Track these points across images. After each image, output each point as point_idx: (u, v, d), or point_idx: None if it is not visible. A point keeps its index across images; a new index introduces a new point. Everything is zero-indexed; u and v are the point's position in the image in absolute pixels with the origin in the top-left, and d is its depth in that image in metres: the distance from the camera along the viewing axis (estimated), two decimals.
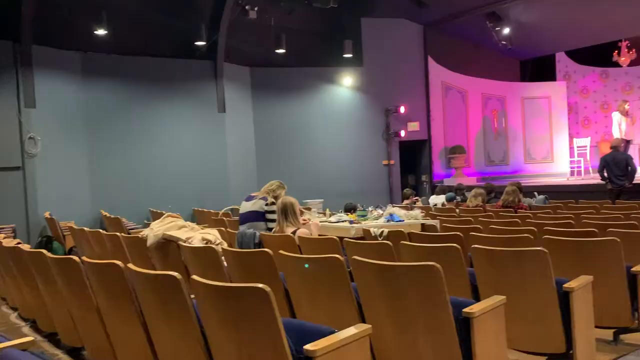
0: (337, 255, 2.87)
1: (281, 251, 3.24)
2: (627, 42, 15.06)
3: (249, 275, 3.50)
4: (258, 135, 13.06)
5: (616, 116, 12.38)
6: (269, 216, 5.16)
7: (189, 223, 4.93)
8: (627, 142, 11.59)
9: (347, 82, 13.41)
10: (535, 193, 9.39)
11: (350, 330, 2.22)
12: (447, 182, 13.03)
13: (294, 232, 4.70)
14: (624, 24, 13.66)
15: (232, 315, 2.20)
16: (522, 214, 6.68)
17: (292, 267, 3.21)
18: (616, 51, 15.02)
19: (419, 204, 9.88)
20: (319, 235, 5.06)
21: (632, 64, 15.43)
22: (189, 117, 11.98)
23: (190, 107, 12.00)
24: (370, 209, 6.40)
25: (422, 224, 5.91)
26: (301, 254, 4.28)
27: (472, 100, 15.14)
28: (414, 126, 13.67)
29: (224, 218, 8.05)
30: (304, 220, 5.22)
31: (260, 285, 2.02)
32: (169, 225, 4.68)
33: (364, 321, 2.84)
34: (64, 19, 10.38)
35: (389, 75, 13.46)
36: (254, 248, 4.72)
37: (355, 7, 13.16)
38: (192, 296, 2.41)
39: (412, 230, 5.32)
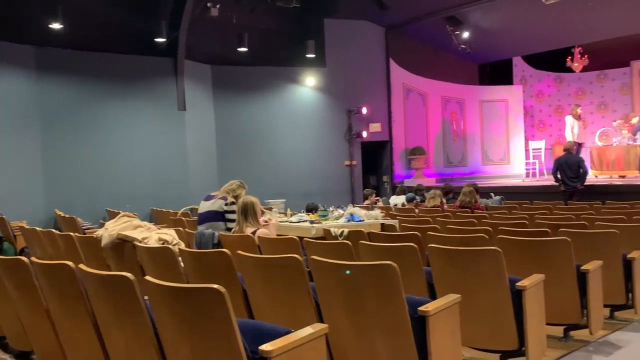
0: (295, 255, 2.86)
1: (239, 251, 3.21)
2: (580, 48, 15.61)
3: (206, 276, 3.45)
4: (219, 134, 12.92)
5: (569, 120, 12.80)
6: (229, 216, 5.10)
7: (145, 223, 4.82)
8: (579, 145, 12.01)
9: (309, 83, 13.42)
10: (492, 194, 9.62)
11: (307, 330, 2.21)
12: (408, 182, 13.20)
13: (253, 232, 4.66)
14: (577, 31, 14.16)
15: (186, 317, 2.17)
16: (479, 214, 6.82)
17: (251, 268, 3.19)
18: (570, 57, 15.55)
19: (380, 204, 9.98)
20: (279, 235, 5.04)
21: (584, 69, 16.00)
22: (148, 115, 11.75)
23: (150, 104, 11.76)
24: (331, 209, 6.41)
25: (382, 224, 5.96)
26: (261, 254, 4.26)
27: (432, 103, 15.40)
28: (375, 127, 13.80)
29: (183, 218, 7.92)
30: (266, 220, 5.19)
31: (215, 286, 1.99)
32: (124, 225, 4.56)
33: (322, 321, 2.84)
34: (17, 12, 10.01)
35: (352, 76, 13.55)
36: (213, 248, 4.66)
37: (318, 7, 13.19)
38: (146, 297, 2.36)
39: (372, 230, 5.36)
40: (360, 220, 5.88)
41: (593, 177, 12.11)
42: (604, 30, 14.22)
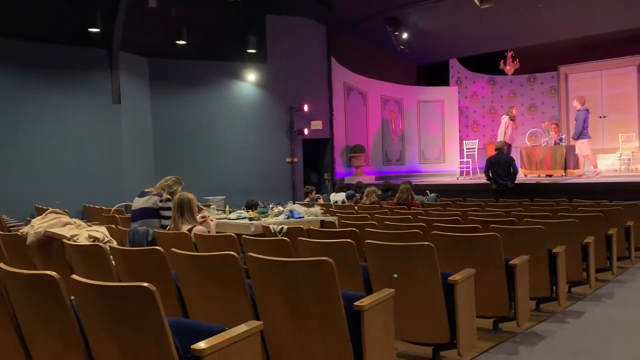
0: (231, 252, 2.83)
1: (173, 249, 3.13)
2: (512, 52, 16.31)
3: (139, 274, 3.34)
4: (157, 129, 12.58)
5: (505, 120, 13.34)
6: (164, 213, 4.97)
7: (75, 220, 4.62)
8: (509, 145, 12.55)
9: (251, 78, 13.30)
10: (428, 191, 9.88)
11: (241, 328, 2.19)
12: (348, 180, 13.35)
13: (190, 230, 4.56)
14: (509, 36, 14.78)
15: (115, 317, 2.09)
16: (415, 210, 7.00)
17: (185, 266, 3.12)
18: (502, 60, 16.21)
19: (320, 201, 10.03)
20: (217, 232, 4.97)
21: (516, 72, 16.74)
22: (81, 107, 11.27)
23: (83, 97, 11.30)
24: (271, 205, 6.38)
25: (322, 221, 6.00)
26: (197, 251, 4.18)
27: (372, 102, 15.64)
28: (317, 125, 13.86)
29: (117, 215, 7.64)
30: (204, 217, 5.09)
31: (145, 284, 1.93)
32: (52, 222, 4.35)
33: (258, 318, 2.82)
34: None
35: (293, 73, 13.53)
36: (147, 246, 4.52)
37: (260, 3, 13.09)
38: (73, 297, 2.26)
39: (311, 227, 5.39)
40: (300, 217, 5.89)
41: (523, 176, 12.69)
42: (534, 36, 14.92)
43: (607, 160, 15.39)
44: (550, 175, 12.59)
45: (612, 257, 6.04)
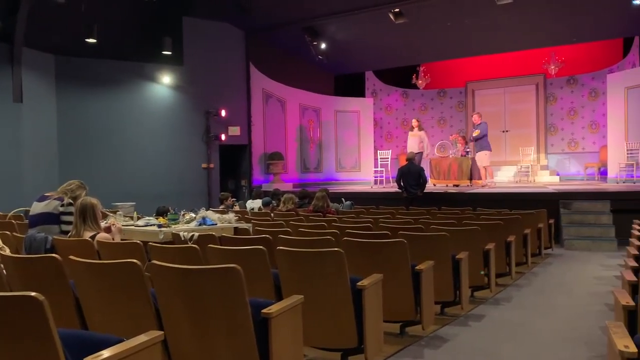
0: (133, 260, 2.71)
1: (71, 256, 2.95)
2: (423, 67, 17.08)
3: (33, 284, 3.11)
4: (62, 130, 11.86)
5: (421, 134, 13.88)
6: (65, 218, 4.67)
7: None
8: (420, 155, 13.05)
9: (166, 81, 12.91)
10: (343, 199, 10.04)
11: (140, 338, 2.10)
12: (266, 187, 13.29)
13: (93, 237, 4.33)
14: (421, 51, 15.46)
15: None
16: (330, 218, 7.09)
17: (85, 274, 2.94)
18: (415, 74, 16.92)
19: (236, 207, 9.90)
20: (124, 240, 4.74)
21: (427, 87, 17.55)
22: None
23: None
24: (182, 212, 6.20)
25: (235, 228, 5.91)
26: (100, 259, 3.97)
27: (291, 109, 15.71)
28: (234, 130, 13.69)
29: (13, 221, 7.10)
30: (110, 223, 4.84)
31: (33, 294, 1.80)
32: None
33: (162, 328, 2.73)
34: None
35: (211, 77, 13.30)
36: (46, 254, 4.23)
37: (177, 4, 12.77)
38: None
39: (224, 234, 5.30)
40: (213, 224, 5.77)
41: (432, 185, 13.24)
42: (444, 52, 15.71)
43: (508, 172, 16.48)
44: (457, 185, 13.24)
45: (511, 263, 6.44)
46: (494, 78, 17.62)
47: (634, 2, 10.23)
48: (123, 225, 5.32)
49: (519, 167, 15.80)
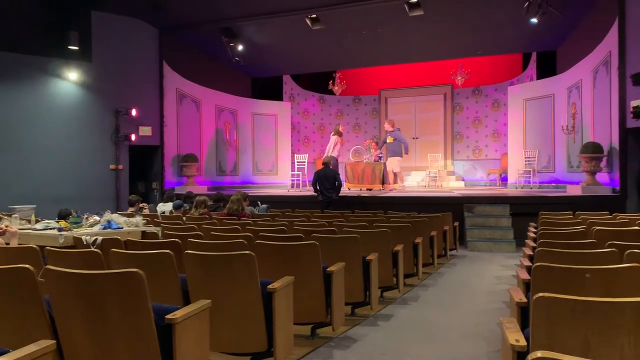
0: (25, 266, 2.52)
1: None
2: (339, 74, 17.41)
3: None
4: None
5: (334, 137, 14.15)
6: None
7: None
8: (336, 160, 13.28)
9: (72, 77, 12.19)
10: (259, 202, 9.98)
11: (29, 348, 1.95)
12: (179, 190, 12.89)
13: None
14: (337, 58, 15.72)
15: None
16: (244, 221, 7.01)
17: None
18: (331, 81, 17.21)
19: (146, 211, 9.53)
20: (20, 244, 4.42)
21: (343, 93, 17.91)
22: None
23: None
24: (85, 215, 5.88)
25: (143, 232, 5.69)
26: None
27: (206, 111, 15.40)
28: (146, 131, 13.19)
29: None
30: (5, 227, 4.49)
31: None
32: None
33: (57, 336, 2.56)
34: None
35: (121, 75, 12.74)
36: None
37: None
38: None
39: (131, 238, 5.08)
40: (119, 228, 5.52)
41: (347, 189, 13.49)
42: (359, 60, 16.09)
43: (418, 177, 17.17)
44: (370, 189, 13.58)
45: (419, 264, 6.70)
46: (406, 87, 18.31)
47: (531, 21, 11.02)
48: (19, 229, 4.96)
49: (427, 172, 16.49)
